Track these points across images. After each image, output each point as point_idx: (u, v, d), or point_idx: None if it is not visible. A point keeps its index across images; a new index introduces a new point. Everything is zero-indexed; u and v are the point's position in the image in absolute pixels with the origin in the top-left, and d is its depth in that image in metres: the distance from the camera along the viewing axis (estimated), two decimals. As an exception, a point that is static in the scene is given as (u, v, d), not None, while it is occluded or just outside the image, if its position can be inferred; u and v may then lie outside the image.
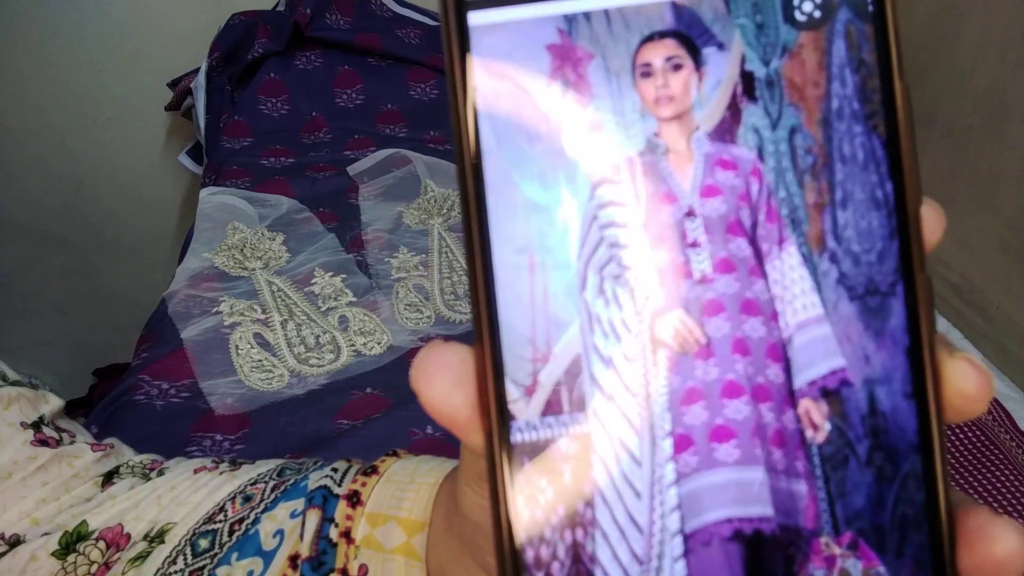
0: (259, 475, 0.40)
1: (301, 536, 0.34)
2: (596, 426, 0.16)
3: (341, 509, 0.34)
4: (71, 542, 0.40)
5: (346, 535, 0.33)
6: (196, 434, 0.84)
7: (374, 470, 0.35)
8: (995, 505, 0.86)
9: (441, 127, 1.50)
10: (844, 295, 0.16)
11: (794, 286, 0.16)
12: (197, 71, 1.48)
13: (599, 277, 0.16)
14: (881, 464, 0.16)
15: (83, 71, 1.55)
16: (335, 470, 0.37)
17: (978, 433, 0.93)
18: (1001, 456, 0.90)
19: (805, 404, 0.16)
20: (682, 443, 0.16)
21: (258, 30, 1.48)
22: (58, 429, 0.45)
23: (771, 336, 0.16)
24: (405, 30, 1.57)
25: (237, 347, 0.95)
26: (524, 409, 0.16)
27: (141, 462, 0.45)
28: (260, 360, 0.94)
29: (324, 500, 0.35)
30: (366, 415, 0.88)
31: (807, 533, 0.15)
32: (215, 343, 0.95)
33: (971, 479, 0.88)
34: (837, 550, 0.15)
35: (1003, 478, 0.88)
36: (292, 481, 0.38)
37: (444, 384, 0.17)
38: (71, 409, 0.49)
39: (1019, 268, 1.06)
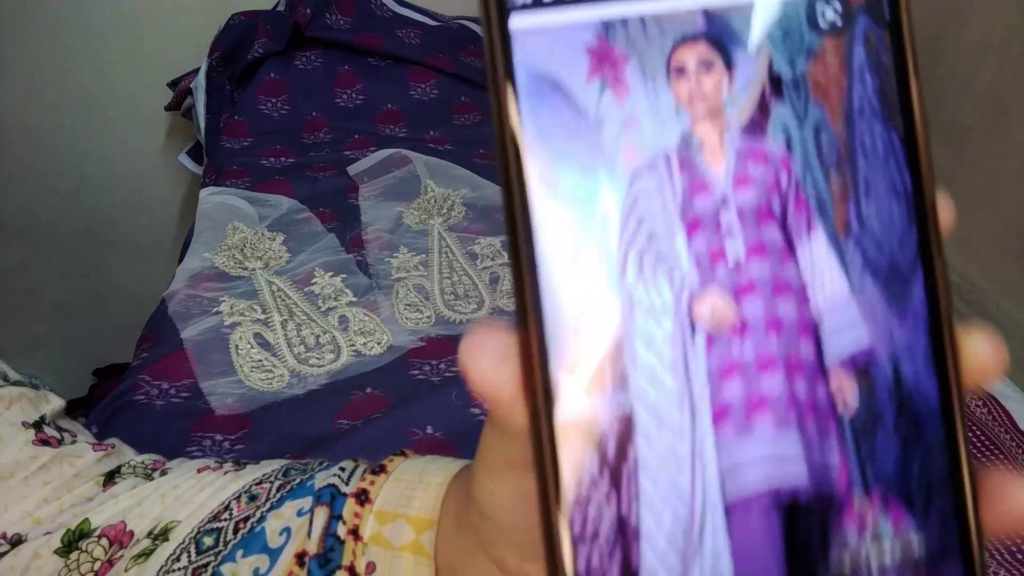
0: (264, 475, 0.40)
1: (308, 534, 0.34)
2: (638, 402, 0.17)
3: (349, 507, 0.34)
4: (73, 540, 0.40)
5: (354, 532, 0.33)
6: (196, 434, 0.84)
7: (382, 469, 0.35)
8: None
9: (441, 127, 1.50)
10: (869, 277, 0.17)
11: (822, 269, 0.17)
12: (197, 71, 1.47)
13: (639, 263, 0.17)
14: (907, 432, 0.17)
15: (83, 71, 1.55)
16: (342, 469, 0.37)
17: (978, 433, 0.93)
18: (1001, 456, 0.90)
19: (835, 378, 0.17)
20: (721, 416, 0.17)
21: (258, 30, 1.48)
22: (59, 429, 0.45)
23: (802, 315, 0.17)
24: (405, 30, 1.57)
25: (237, 347, 0.95)
26: (568, 387, 0.16)
27: (143, 462, 0.45)
28: (260, 360, 0.94)
29: (332, 498, 0.35)
30: (366, 415, 0.88)
31: (841, 498, 0.17)
32: (215, 343, 0.95)
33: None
34: (869, 513, 0.16)
35: (1003, 478, 0.88)
36: (298, 480, 0.38)
37: (491, 361, 0.17)
38: (71, 409, 0.49)
39: (1019, 268, 1.06)
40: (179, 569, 0.37)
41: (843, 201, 0.17)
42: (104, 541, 0.40)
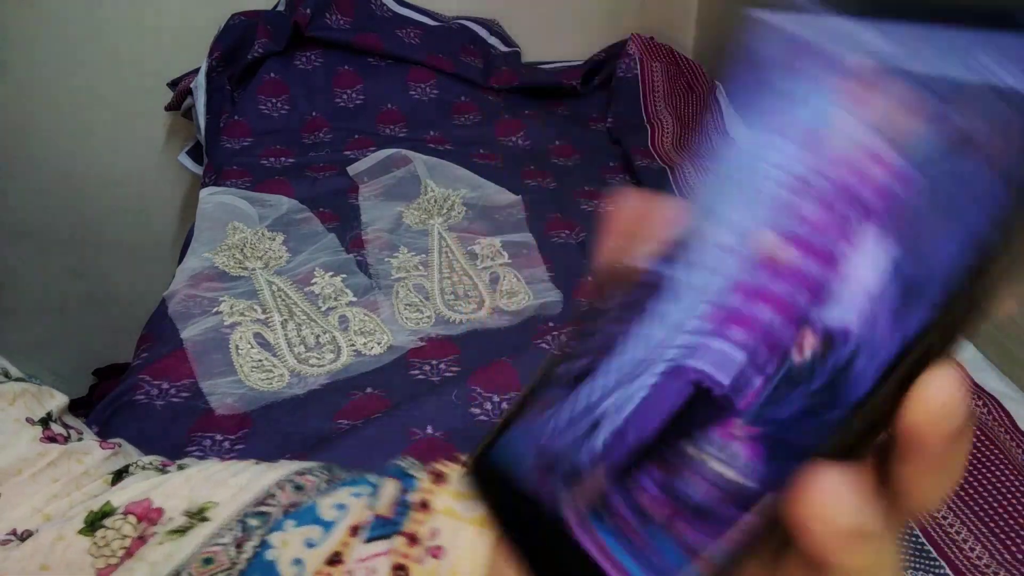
0: (305, 468, 0.41)
1: (370, 505, 0.36)
2: (670, 275, 0.22)
3: (424, 483, 0.36)
4: (97, 519, 0.40)
5: (424, 504, 0.35)
6: (196, 434, 0.84)
7: (455, 460, 0.38)
8: (995, 505, 0.86)
9: (441, 127, 1.51)
10: (894, 286, 0.18)
11: (862, 256, 0.19)
12: (197, 71, 1.48)
13: (736, 193, 0.21)
14: (819, 402, 0.18)
15: (83, 71, 1.55)
16: (403, 460, 0.39)
17: (978, 433, 0.93)
18: (1001, 456, 0.90)
19: (806, 332, 0.19)
20: (711, 312, 0.20)
21: (258, 30, 1.48)
22: (66, 426, 0.45)
23: (821, 278, 0.20)
24: (405, 30, 1.57)
25: (237, 347, 0.95)
26: (644, 249, 0.22)
27: (151, 462, 0.45)
28: (260, 360, 0.94)
29: (401, 476, 0.37)
30: (366, 415, 0.88)
31: (735, 410, 0.19)
32: (215, 343, 0.95)
33: (970, 478, 0.88)
34: (740, 434, 0.18)
35: (1003, 478, 0.88)
36: (351, 477, 0.39)
37: (628, 207, 0.23)
38: (71, 409, 0.49)
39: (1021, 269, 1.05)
40: (221, 544, 0.37)
41: (908, 220, 0.18)
42: (131, 518, 0.39)
